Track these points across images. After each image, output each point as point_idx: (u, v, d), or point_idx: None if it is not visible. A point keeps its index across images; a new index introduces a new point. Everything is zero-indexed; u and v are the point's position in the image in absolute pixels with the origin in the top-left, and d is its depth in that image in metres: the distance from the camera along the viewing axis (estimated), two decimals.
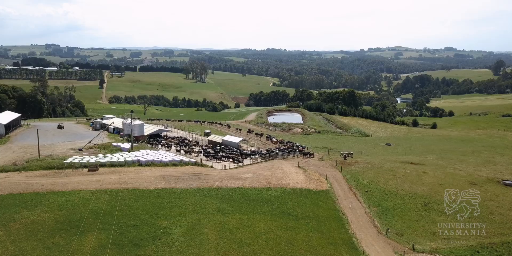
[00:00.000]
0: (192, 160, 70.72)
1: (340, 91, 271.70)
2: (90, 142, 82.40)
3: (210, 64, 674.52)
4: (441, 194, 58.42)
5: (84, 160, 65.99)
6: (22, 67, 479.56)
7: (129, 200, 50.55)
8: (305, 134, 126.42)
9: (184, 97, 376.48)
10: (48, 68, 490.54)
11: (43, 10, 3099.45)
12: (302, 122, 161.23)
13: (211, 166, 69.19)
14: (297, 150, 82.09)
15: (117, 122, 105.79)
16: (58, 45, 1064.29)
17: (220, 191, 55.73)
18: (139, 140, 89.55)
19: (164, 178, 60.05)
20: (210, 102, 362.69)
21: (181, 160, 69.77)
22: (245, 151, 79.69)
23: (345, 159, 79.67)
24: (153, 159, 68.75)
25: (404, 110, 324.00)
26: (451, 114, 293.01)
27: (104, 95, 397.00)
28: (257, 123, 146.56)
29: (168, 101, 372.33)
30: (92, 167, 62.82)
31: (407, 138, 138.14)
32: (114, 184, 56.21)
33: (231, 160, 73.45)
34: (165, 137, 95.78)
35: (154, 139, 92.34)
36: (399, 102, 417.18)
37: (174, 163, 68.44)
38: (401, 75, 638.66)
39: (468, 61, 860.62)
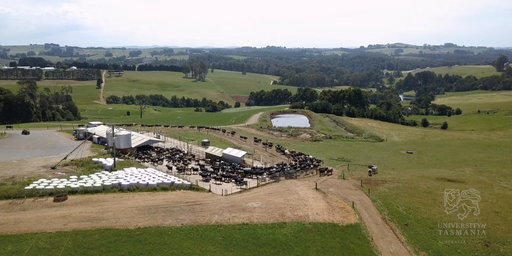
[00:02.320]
0: (186, 182, 57.76)
1: (346, 90, 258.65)
2: (66, 158, 69.53)
3: (210, 63, 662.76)
4: (502, 227, 46.26)
5: (51, 185, 53.14)
6: (18, 67, 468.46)
7: (98, 250, 37.61)
8: (315, 141, 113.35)
9: (183, 97, 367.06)
10: (45, 68, 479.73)
11: (42, 10, 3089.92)
12: (309, 125, 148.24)
13: (209, 190, 56.19)
14: (311, 166, 69.01)
15: (103, 130, 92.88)
16: (58, 45, 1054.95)
17: (220, 230, 42.88)
18: (126, 153, 76.88)
19: (150, 210, 47.19)
20: (210, 101, 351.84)
21: (172, 183, 56.88)
22: (249, 169, 66.47)
23: (370, 175, 67.09)
24: (137, 182, 55.92)
25: (409, 108, 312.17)
26: (458, 112, 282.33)
27: (102, 95, 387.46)
28: (261, 127, 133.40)
29: (167, 101, 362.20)
30: (59, 196, 49.98)
31: (427, 144, 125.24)
32: (84, 221, 43.34)
33: (233, 180, 60.50)
34: (156, 149, 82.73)
35: (144, 152, 79.53)
36: (401, 99, 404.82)
37: (163, 187, 55.61)
38: (403, 72, 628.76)
39: (469, 57, 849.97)
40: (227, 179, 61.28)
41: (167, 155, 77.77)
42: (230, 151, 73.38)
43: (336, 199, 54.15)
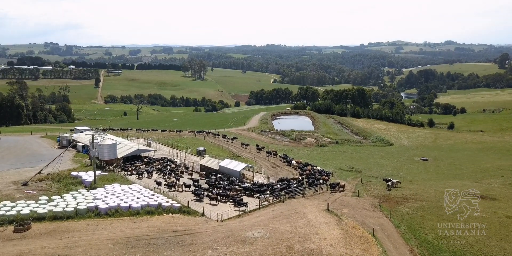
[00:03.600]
0: (175, 204, 49.28)
1: (349, 89, 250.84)
2: (40, 172, 61.14)
3: (210, 61, 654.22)
4: None
5: (14, 210, 44.84)
6: (15, 66, 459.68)
7: None
8: (321, 146, 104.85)
9: (182, 96, 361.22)
10: (43, 67, 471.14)
11: (42, 9, 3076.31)
12: (313, 128, 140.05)
13: (202, 214, 47.74)
14: (320, 180, 60.37)
15: (88, 137, 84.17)
16: (57, 44, 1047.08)
17: None
18: (111, 165, 68.57)
19: (129, 243, 38.77)
20: (209, 101, 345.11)
21: (159, 205, 48.56)
22: (249, 185, 57.79)
23: (389, 190, 59.01)
24: (118, 205, 47.63)
25: (412, 107, 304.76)
26: (463, 111, 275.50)
27: (100, 95, 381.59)
28: (262, 131, 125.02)
29: (166, 100, 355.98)
30: (21, 225, 41.62)
31: (440, 148, 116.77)
32: None
33: (231, 200, 52.07)
34: (145, 159, 74.03)
35: (131, 163, 71.02)
36: (403, 97, 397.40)
37: (148, 211, 47.27)
38: (404, 69, 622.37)
39: (469, 55, 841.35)
40: (224, 198, 52.87)
41: (157, 166, 69.25)
42: (228, 164, 64.43)
43: (353, 224, 45.77)
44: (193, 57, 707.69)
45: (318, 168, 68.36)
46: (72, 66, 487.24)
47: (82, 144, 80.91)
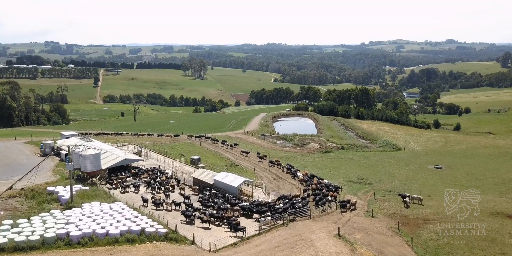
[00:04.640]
0: (160, 229, 42.09)
1: (352, 89, 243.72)
2: (11, 187, 54.11)
3: (210, 60, 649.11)
4: None
5: None
6: (14, 65, 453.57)
7: None
8: (325, 152, 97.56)
9: (182, 95, 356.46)
10: (42, 66, 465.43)
11: (42, 8, 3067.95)
12: (316, 131, 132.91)
13: (192, 242, 40.65)
14: (329, 197, 53.03)
15: (74, 143, 77.14)
16: (57, 43, 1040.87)
17: None
18: (95, 176, 61.62)
19: None
20: (209, 100, 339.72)
21: (142, 231, 41.51)
22: (247, 204, 50.46)
23: (407, 206, 52.32)
24: (93, 231, 40.62)
25: (415, 107, 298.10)
26: (467, 111, 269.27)
27: (99, 94, 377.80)
28: (262, 134, 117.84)
29: (165, 100, 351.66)
30: None
31: (452, 153, 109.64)
32: None
33: (226, 223, 44.98)
34: (134, 170, 66.57)
35: (117, 174, 63.79)
36: (405, 96, 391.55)
37: (129, 238, 40.14)
38: (405, 68, 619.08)
39: (471, 53, 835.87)
40: (218, 220, 45.83)
41: (146, 179, 62.05)
42: (224, 178, 56.76)
43: (369, 255, 38.80)
44: (193, 56, 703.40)
45: (326, 181, 61.01)
46: (71, 65, 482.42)
47: (66, 152, 73.80)
